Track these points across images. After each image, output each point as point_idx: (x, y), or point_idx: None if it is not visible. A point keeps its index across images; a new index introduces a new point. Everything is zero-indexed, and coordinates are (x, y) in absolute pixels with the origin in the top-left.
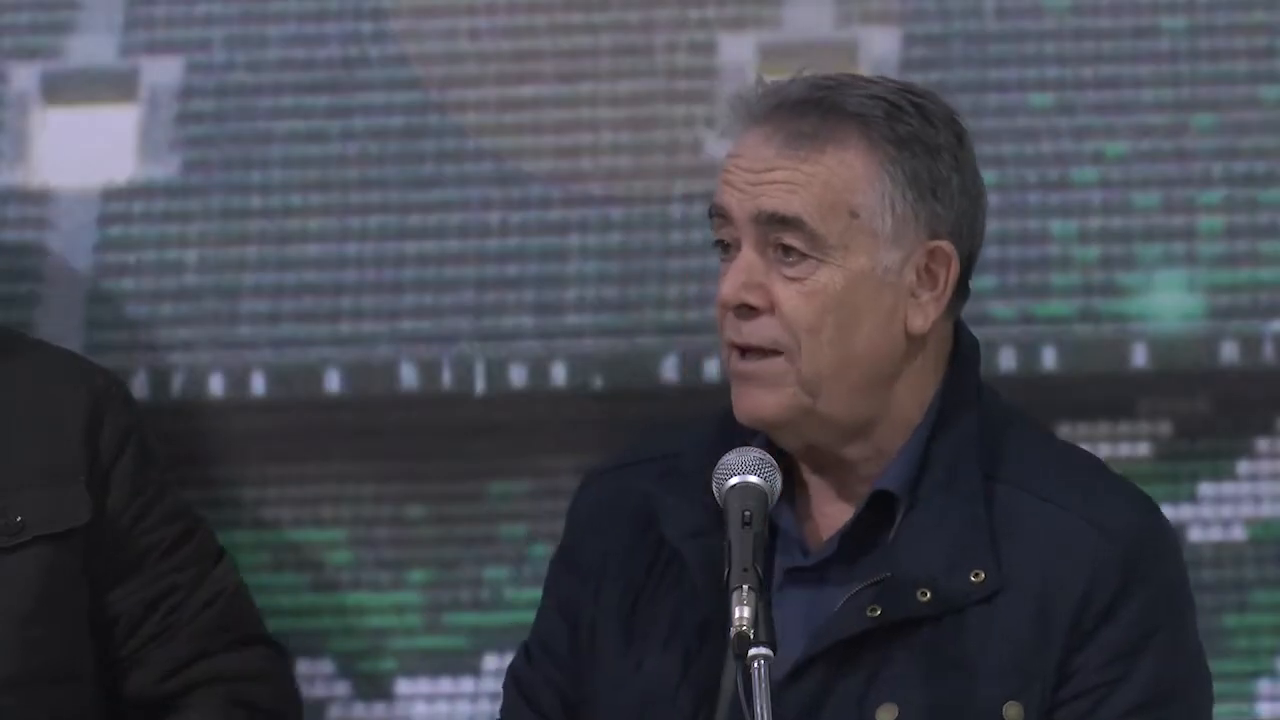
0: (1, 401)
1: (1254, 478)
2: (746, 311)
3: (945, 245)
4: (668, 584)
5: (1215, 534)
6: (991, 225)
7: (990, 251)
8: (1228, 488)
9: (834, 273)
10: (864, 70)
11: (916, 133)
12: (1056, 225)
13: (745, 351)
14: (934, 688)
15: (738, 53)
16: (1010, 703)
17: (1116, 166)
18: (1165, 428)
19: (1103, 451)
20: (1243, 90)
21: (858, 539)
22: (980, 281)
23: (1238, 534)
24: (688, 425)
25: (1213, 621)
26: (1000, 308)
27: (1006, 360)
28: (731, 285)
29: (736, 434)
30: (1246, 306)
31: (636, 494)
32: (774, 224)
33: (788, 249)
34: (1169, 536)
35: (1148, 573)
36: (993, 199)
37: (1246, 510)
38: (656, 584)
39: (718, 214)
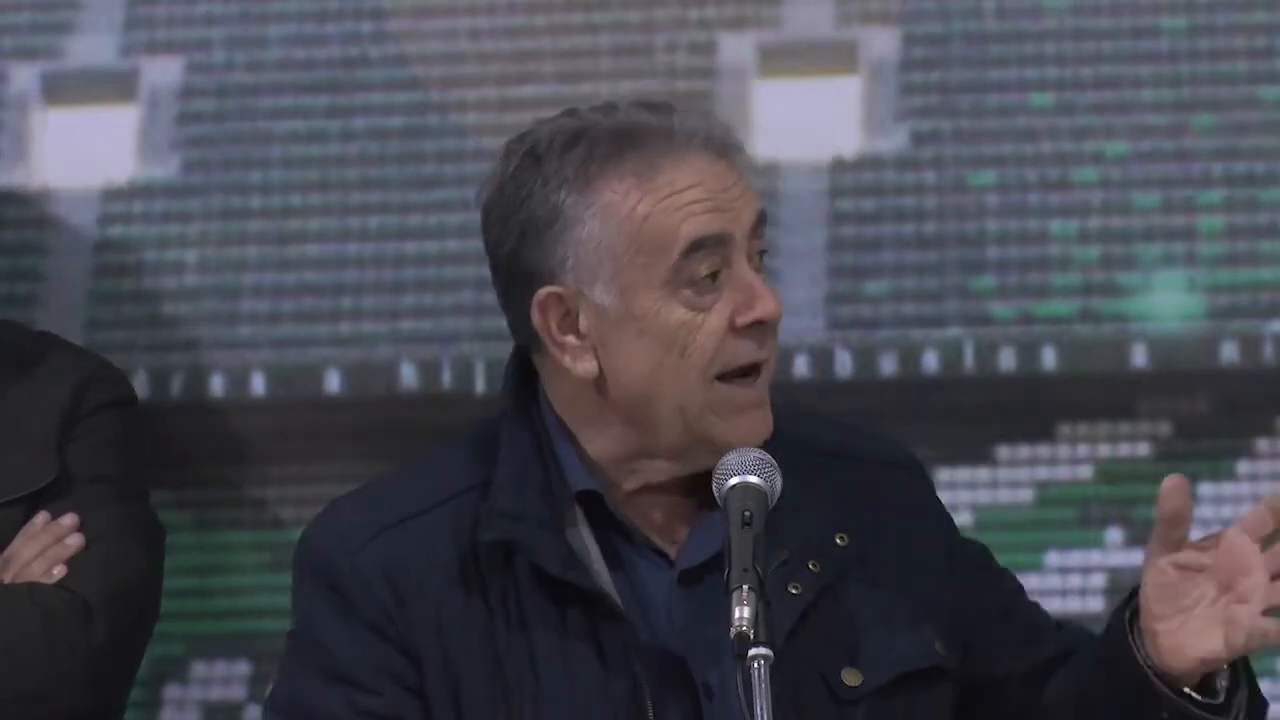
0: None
1: (1254, 478)
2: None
3: None
4: (536, 626)
5: None
6: (991, 225)
7: (990, 251)
8: (1228, 488)
9: None
10: (864, 70)
11: None
12: (1056, 225)
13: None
14: (873, 643)
15: (738, 53)
16: (937, 640)
17: (1116, 166)
18: (1165, 428)
19: (1103, 452)
20: (1243, 90)
21: (713, 534)
22: (980, 281)
23: None
24: (427, 468)
25: None
26: (1000, 308)
27: (1006, 360)
28: (775, 299)
29: (534, 451)
30: (1246, 306)
31: (439, 548)
32: (758, 228)
33: (759, 255)
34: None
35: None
36: (993, 199)
37: (1246, 510)
38: (517, 635)
39: (708, 246)
